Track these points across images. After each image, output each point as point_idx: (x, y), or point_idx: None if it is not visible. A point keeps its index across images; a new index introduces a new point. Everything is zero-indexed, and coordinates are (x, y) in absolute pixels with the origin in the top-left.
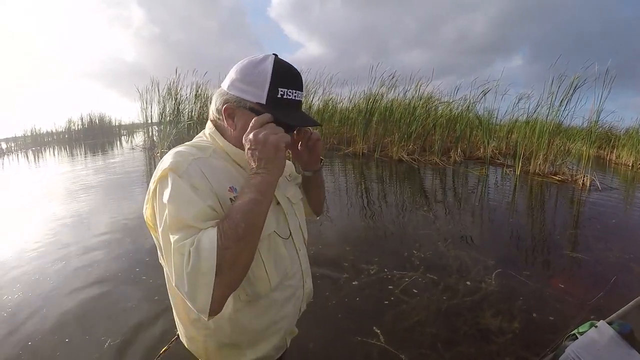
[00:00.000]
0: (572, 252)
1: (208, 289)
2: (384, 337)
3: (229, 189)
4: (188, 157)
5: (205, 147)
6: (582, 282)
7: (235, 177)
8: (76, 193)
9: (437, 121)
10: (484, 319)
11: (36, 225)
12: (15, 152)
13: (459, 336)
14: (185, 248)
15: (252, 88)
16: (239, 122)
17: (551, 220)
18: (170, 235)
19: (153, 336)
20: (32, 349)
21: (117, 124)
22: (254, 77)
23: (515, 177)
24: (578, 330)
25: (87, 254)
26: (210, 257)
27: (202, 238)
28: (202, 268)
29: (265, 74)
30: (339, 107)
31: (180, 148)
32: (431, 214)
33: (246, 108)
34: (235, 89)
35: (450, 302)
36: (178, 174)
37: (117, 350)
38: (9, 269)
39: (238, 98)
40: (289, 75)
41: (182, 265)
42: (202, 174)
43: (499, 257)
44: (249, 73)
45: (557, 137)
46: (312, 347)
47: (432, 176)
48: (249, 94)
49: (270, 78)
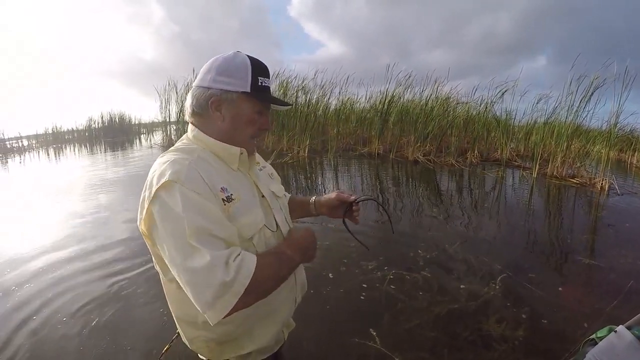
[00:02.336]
0: (585, 258)
1: (229, 304)
2: (380, 339)
3: (221, 190)
4: (184, 162)
5: (191, 150)
6: (593, 290)
7: (224, 177)
8: (96, 188)
9: (454, 122)
10: (487, 325)
11: (58, 219)
12: (36, 148)
13: (459, 341)
14: (222, 260)
15: (235, 79)
16: (227, 113)
17: (566, 225)
18: (194, 244)
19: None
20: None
21: (136, 122)
22: (234, 70)
23: (532, 180)
24: (597, 335)
25: (106, 251)
26: (245, 280)
27: (244, 260)
28: (235, 286)
29: (245, 66)
30: (355, 108)
31: (170, 156)
32: (442, 215)
33: (233, 99)
34: (218, 82)
35: (452, 305)
36: (181, 182)
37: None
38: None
39: (222, 90)
40: (263, 66)
41: (216, 273)
42: (200, 177)
43: (508, 262)
44: (228, 67)
45: (576, 139)
46: (306, 346)
47: (447, 177)
48: (233, 85)
49: (251, 68)
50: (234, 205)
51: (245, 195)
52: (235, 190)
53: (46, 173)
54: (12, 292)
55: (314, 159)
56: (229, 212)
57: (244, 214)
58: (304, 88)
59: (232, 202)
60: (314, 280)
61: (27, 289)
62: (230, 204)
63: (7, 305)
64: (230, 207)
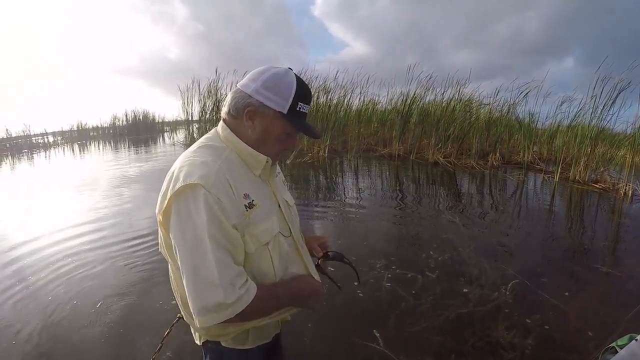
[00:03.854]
0: (604, 266)
1: (217, 320)
2: (384, 341)
3: (244, 196)
4: (214, 165)
5: (220, 150)
6: (610, 300)
7: (247, 183)
8: (123, 181)
9: (475, 124)
10: (495, 331)
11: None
12: (61, 145)
13: (465, 347)
14: (227, 280)
15: (277, 98)
16: (259, 125)
17: (586, 231)
18: (206, 254)
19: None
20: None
21: (160, 120)
22: (279, 88)
23: (554, 184)
24: (617, 343)
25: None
26: (240, 308)
27: (248, 290)
28: (229, 310)
29: (291, 87)
30: (377, 108)
31: (201, 154)
32: (458, 218)
33: (268, 114)
34: (260, 95)
35: (461, 310)
36: (208, 187)
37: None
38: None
39: (261, 104)
40: (307, 92)
41: (217, 293)
42: (227, 184)
43: (522, 268)
44: (275, 84)
45: (600, 143)
46: (309, 343)
47: (467, 180)
48: (272, 102)
49: (295, 92)
50: (254, 211)
51: (264, 203)
52: (257, 196)
53: (73, 168)
54: (34, 277)
55: (334, 159)
56: (249, 218)
57: (263, 221)
58: (325, 88)
59: (254, 208)
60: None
61: (50, 274)
62: (251, 210)
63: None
64: (251, 213)
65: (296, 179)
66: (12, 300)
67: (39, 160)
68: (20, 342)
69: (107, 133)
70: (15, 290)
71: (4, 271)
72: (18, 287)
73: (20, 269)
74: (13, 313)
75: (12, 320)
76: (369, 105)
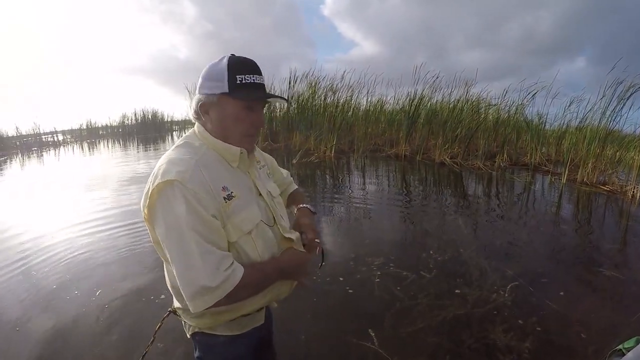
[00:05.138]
0: (608, 270)
1: (207, 303)
2: (379, 341)
3: (222, 189)
4: (190, 161)
5: (197, 147)
6: (612, 304)
7: (226, 176)
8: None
9: (483, 124)
10: (493, 333)
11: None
12: (70, 143)
13: (462, 349)
14: (211, 265)
15: (215, 82)
16: (214, 115)
17: (592, 234)
18: (189, 244)
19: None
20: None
21: (169, 120)
22: (214, 74)
23: (561, 186)
24: (624, 345)
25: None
26: (228, 289)
27: (234, 271)
28: (217, 292)
29: (222, 68)
30: (385, 108)
31: (178, 154)
32: (462, 218)
33: (214, 101)
34: (203, 88)
35: (458, 311)
36: (184, 183)
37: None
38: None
39: (207, 95)
40: (244, 63)
41: (202, 277)
42: (204, 178)
43: (524, 270)
44: (210, 72)
45: (609, 145)
46: (304, 341)
47: (473, 181)
48: (212, 88)
49: (227, 70)
50: (233, 202)
51: (243, 193)
52: (235, 188)
53: (85, 165)
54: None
55: (340, 158)
56: (229, 209)
57: (242, 210)
58: (333, 88)
59: (232, 200)
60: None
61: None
62: (230, 202)
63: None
64: (230, 204)
65: (302, 179)
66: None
67: (49, 158)
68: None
69: (117, 132)
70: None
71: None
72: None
73: (29, 263)
74: (19, 306)
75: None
76: (377, 105)
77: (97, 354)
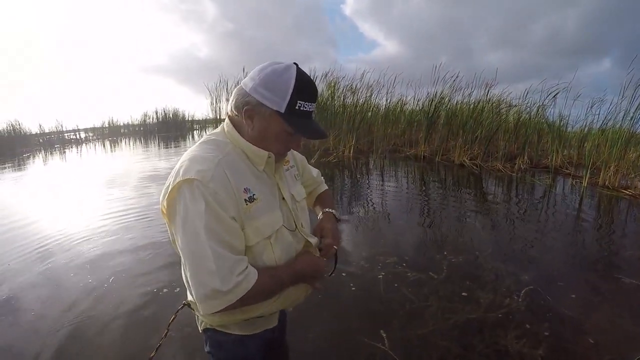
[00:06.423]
0: (628, 277)
1: (218, 307)
2: (390, 342)
3: (244, 190)
4: (213, 161)
5: (223, 145)
6: (630, 313)
7: (249, 177)
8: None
9: (504, 125)
10: (505, 339)
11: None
12: (92, 141)
13: (472, 354)
14: (225, 269)
15: (273, 96)
16: (257, 124)
17: (612, 239)
18: (205, 244)
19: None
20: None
21: (190, 118)
22: (276, 86)
23: (582, 189)
24: None
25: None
26: (240, 293)
27: (248, 276)
28: (229, 295)
29: (287, 85)
30: (405, 109)
31: (202, 151)
32: (479, 221)
33: (265, 113)
34: (257, 93)
35: (470, 315)
36: (205, 182)
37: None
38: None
39: (259, 102)
40: (308, 88)
41: (215, 280)
42: (226, 178)
43: (540, 275)
44: (272, 81)
45: (632, 148)
46: (314, 339)
47: (492, 183)
48: (269, 101)
49: (292, 90)
50: (255, 205)
51: (266, 197)
52: (258, 190)
53: (109, 162)
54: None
55: (359, 158)
56: (249, 212)
57: (263, 214)
58: (352, 88)
59: (254, 202)
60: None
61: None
62: (251, 204)
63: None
64: (252, 207)
65: None
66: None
67: (71, 155)
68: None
69: (138, 130)
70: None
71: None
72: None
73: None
74: (35, 293)
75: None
76: (397, 105)
77: (111, 344)
